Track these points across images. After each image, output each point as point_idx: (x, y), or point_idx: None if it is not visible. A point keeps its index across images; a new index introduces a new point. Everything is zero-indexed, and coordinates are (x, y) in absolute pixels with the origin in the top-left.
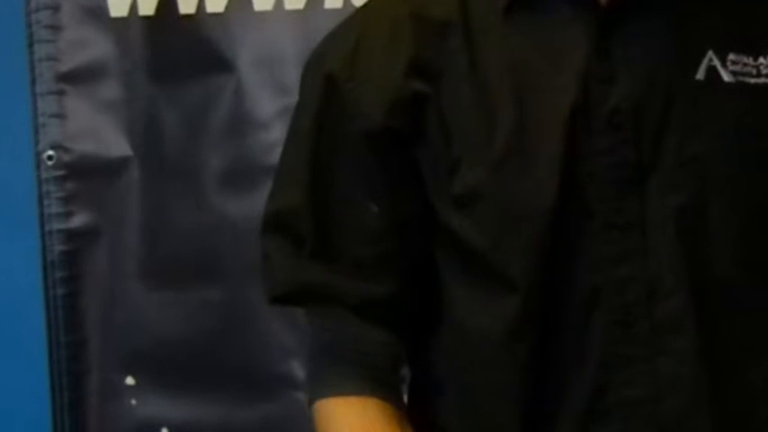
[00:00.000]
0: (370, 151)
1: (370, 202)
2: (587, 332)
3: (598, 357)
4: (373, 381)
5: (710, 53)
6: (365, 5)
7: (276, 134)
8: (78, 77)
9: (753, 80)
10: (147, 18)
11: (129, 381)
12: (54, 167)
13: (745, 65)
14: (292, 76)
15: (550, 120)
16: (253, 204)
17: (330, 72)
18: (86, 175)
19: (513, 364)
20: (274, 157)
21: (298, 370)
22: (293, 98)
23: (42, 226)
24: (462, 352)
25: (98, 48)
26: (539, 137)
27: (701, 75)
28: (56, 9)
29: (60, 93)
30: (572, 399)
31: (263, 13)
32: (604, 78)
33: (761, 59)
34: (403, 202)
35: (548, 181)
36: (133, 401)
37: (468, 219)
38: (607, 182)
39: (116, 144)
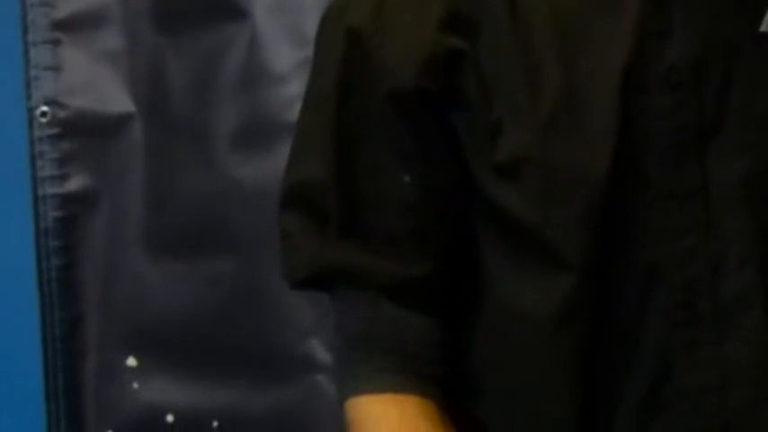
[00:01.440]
0: (401, 115)
1: (401, 172)
2: (646, 313)
3: (658, 341)
4: (412, 375)
5: None
6: None
7: (295, 88)
8: (75, 25)
9: None
10: None
11: (131, 362)
12: (48, 125)
13: None
14: (313, 23)
15: (602, 77)
16: (269, 166)
17: (353, 26)
18: (84, 133)
19: (565, 351)
20: (293, 113)
21: (318, 350)
22: None
23: (35, 190)
24: (506, 338)
25: None
26: (589, 96)
27: (765, 26)
28: None
29: (55, 42)
30: (630, 389)
31: None
32: (660, 32)
33: None
34: (438, 170)
35: (601, 145)
36: (135, 385)
37: (512, 189)
38: (665, 146)
39: (117, 99)
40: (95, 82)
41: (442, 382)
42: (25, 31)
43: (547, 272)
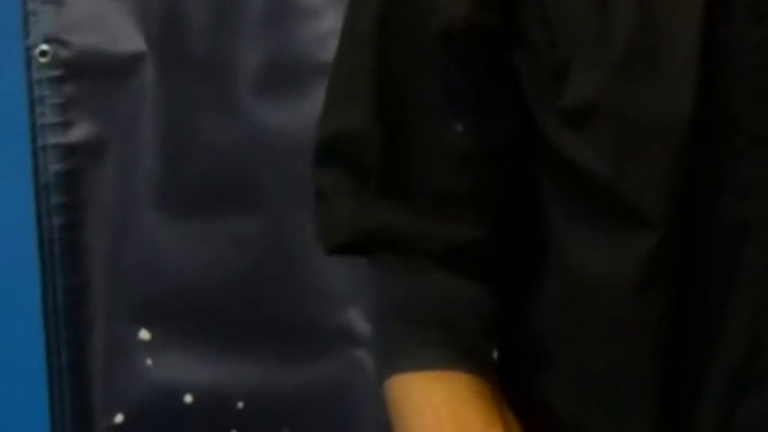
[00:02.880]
0: (452, 56)
1: (453, 121)
2: (734, 277)
3: (748, 309)
4: (461, 350)
5: None
6: None
7: (329, 23)
8: None
9: None
10: None
11: (144, 335)
12: (48, 66)
13: None
14: None
15: (682, 9)
16: (299, 112)
17: None
18: (89, 75)
19: (644, 321)
20: (326, 52)
21: (357, 321)
22: None
23: (34, 140)
24: (576, 307)
25: None
26: (668, 31)
27: None
28: None
29: None
30: (717, 364)
31: None
32: None
33: None
34: (494, 120)
35: (682, 86)
36: (149, 361)
37: (582, 138)
38: (753, 86)
39: (126, 37)
40: (102, 17)
41: (495, 358)
42: None
43: (624, 231)
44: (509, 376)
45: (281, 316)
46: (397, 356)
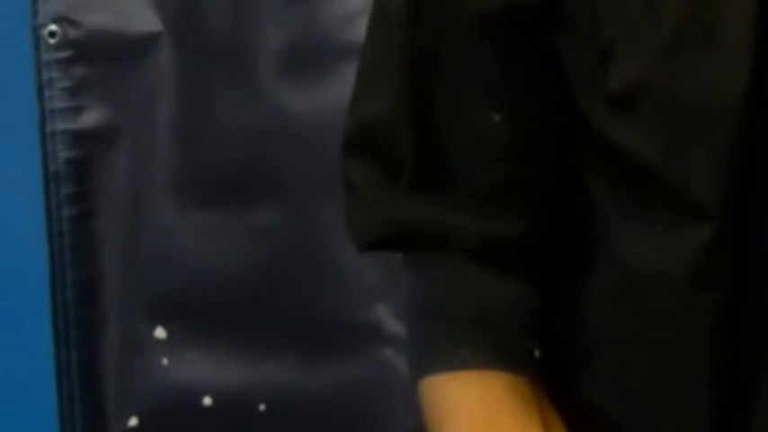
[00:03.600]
0: (488, 39)
1: (489, 109)
2: None
3: None
4: (499, 347)
5: None
6: None
7: (355, 1)
8: None
9: None
10: None
11: (160, 333)
12: (58, 47)
13: None
14: None
15: None
16: (323, 95)
17: None
18: (101, 57)
19: (699, 316)
20: (352, 32)
21: (386, 319)
22: None
23: (43, 126)
24: (626, 303)
25: None
26: (721, 6)
27: None
28: None
29: None
30: None
31: None
32: None
33: None
34: (534, 107)
35: (736, 62)
36: (165, 361)
37: (630, 124)
38: None
39: (140, 16)
40: None
41: (538, 357)
42: None
43: (676, 222)
44: (553, 376)
45: (305, 312)
46: (432, 356)
